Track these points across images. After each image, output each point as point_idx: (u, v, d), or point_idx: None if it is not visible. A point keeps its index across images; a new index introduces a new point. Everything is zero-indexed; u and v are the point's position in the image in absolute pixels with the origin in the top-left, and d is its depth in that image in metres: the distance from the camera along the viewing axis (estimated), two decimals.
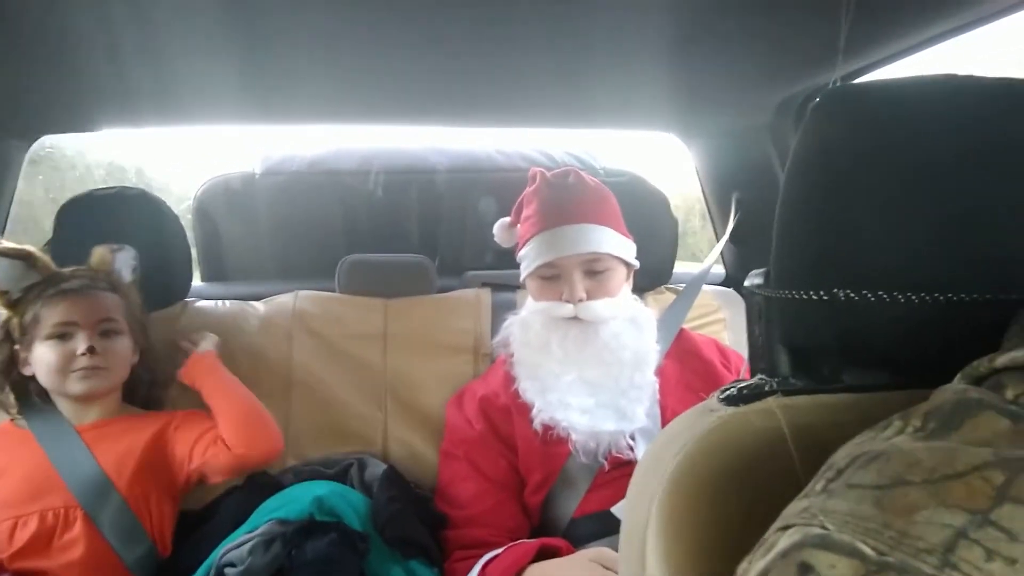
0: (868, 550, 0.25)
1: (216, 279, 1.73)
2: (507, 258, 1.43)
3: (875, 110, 0.49)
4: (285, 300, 1.49)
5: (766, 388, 0.49)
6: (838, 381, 0.48)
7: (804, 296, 0.49)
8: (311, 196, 1.66)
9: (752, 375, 0.56)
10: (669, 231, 1.59)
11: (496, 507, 1.17)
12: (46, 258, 1.19)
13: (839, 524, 0.26)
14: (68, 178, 1.86)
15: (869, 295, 0.45)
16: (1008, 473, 0.25)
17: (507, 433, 1.21)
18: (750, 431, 0.44)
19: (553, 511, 1.18)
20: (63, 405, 1.18)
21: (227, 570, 1.01)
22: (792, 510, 0.29)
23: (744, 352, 1.41)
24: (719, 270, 1.79)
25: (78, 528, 1.07)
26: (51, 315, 1.13)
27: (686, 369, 1.29)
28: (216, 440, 1.16)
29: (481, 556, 1.08)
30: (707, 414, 0.50)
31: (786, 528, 0.28)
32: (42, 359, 1.13)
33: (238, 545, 1.02)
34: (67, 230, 1.37)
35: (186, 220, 1.49)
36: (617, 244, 1.24)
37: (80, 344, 1.13)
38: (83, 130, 1.42)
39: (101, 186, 1.44)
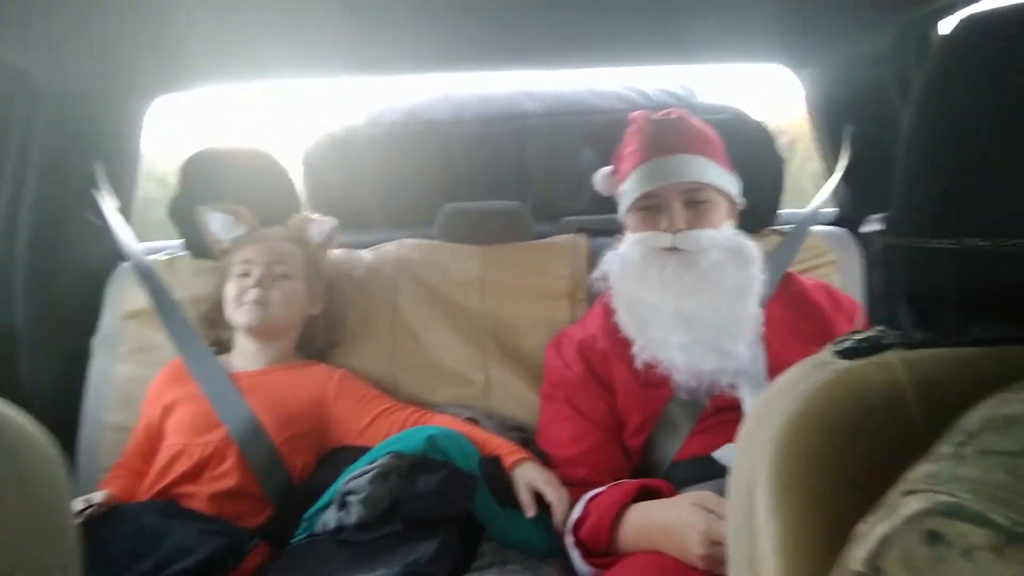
0: (1001, 519, 0.24)
1: None
2: (602, 203, 1.41)
3: (1020, 38, 0.45)
4: (390, 248, 1.55)
5: (886, 341, 0.47)
6: (965, 335, 0.46)
7: (929, 244, 0.46)
8: (409, 146, 1.70)
9: (870, 326, 0.54)
10: (775, 169, 1.52)
11: (596, 448, 1.20)
12: (251, 214, 1.38)
13: (970, 492, 0.25)
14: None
15: (1003, 243, 0.43)
16: None
17: (606, 376, 1.22)
18: (868, 385, 0.43)
19: (654, 454, 1.19)
20: (241, 345, 1.33)
21: (349, 497, 1.10)
22: (918, 474, 0.29)
23: (856, 297, 1.35)
24: (828, 209, 1.70)
25: (230, 463, 1.19)
26: (238, 256, 1.33)
27: (793, 314, 1.24)
28: (392, 427, 1.25)
29: (581, 495, 1.12)
30: (822, 366, 0.49)
31: (912, 493, 0.28)
32: (227, 294, 1.31)
33: (360, 475, 1.11)
34: (190, 183, 1.47)
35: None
36: (719, 176, 1.22)
37: (253, 279, 1.28)
38: (196, 87, 1.49)
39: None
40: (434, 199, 1.63)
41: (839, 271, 1.48)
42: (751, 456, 0.47)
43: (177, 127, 1.99)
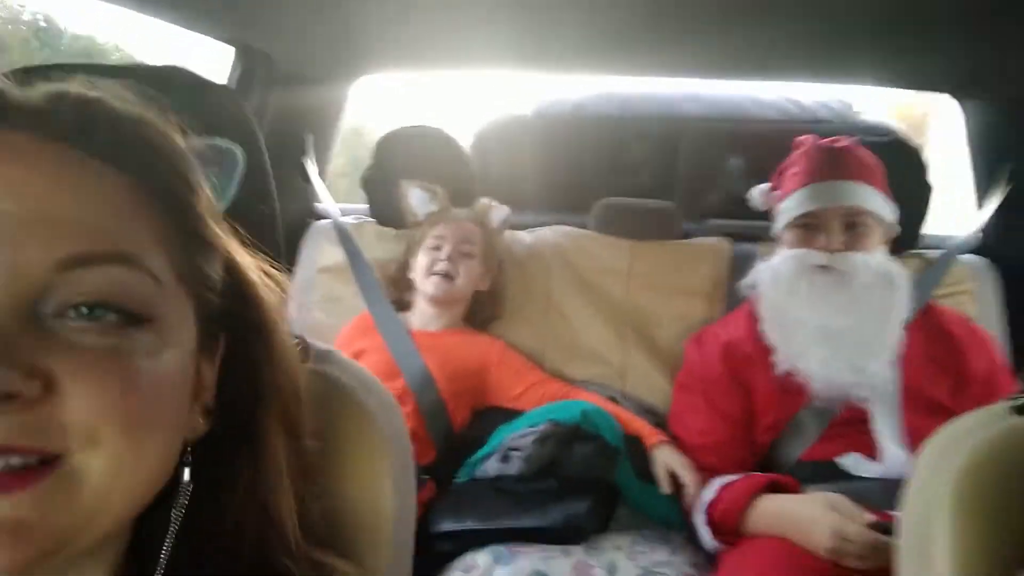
0: None
1: None
2: (745, 209, 1.51)
3: None
4: (546, 233, 1.71)
5: None
6: None
7: None
8: (572, 138, 1.84)
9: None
10: (924, 194, 1.57)
11: (727, 441, 1.33)
12: (445, 194, 1.57)
13: None
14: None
15: None
16: None
17: (745, 378, 1.35)
18: None
19: (780, 452, 1.32)
20: (421, 308, 1.52)
21: (512, 452, 1.29)
22: None
23: (990, 327, 1.41)
24: (970, 237, 1.72)
25: (409, 408, 1.40)
26: (431, 231, 1.52)
27: (930, 340, 1.32)
28: (544, 397, 1.44)
29: (710, 480, 1.27)
30: (996, 419, 0.61)
31: None
32: (419, 263, 1.50)
33: (523, 435, 1.29)
34: (380, 159, 1.68)
35: None
36: (878, 203, 1.31)
37: (444, 254, 1.47)
38: (399, 69, 1.67)
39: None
40: (589, 190, 1.77)
41: (976, 301, 1.53)
42: (925, 495, 0.59)
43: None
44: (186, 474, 0.38)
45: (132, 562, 0.38)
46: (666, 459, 1.30)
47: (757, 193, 1.45)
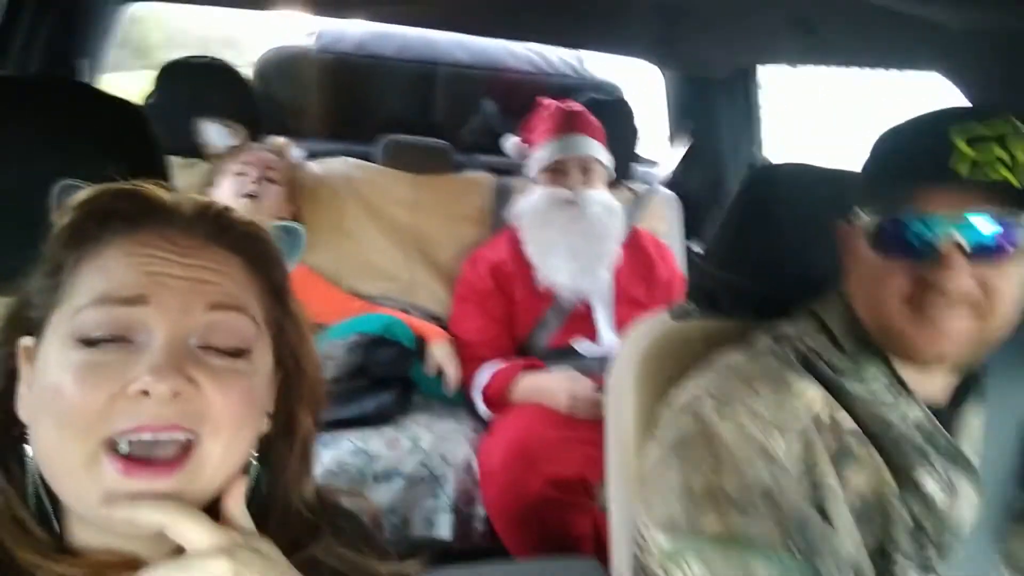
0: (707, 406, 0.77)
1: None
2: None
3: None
4: (336, 165, 1.90)
5: (692, 312, 1.03)
6: (729, 315, 1.02)
7: (720, 273, 1.02)
8: (354, 75, 2.01)
9: (688, 300, 1.09)
10: (631, 139, 2.07)
11: (495, 336, 1.73)
12: (242, 128, 1.66)
13: (711, 383, 0.79)
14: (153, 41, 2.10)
15: (753, 278, 0.99)
16: None
17: (508, 289, 1.74)
18: (682, 337, 0.97)
19: (532, 342, 1.75)
20: None
21: (327, 360, 1.54)
22: (694, 379, 0.82)
23: (673, 246, 1.97)
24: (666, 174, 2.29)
25: None
26: (237, 159, 1.63)
27: (632, 256, 1.83)
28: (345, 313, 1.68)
29: (483, 365, 1.67)
30: (661, 323, 1.04)
31: (692, 381, 0.81)
32: (223, 191, 1.61)
33: (335, 345, 1.55)
34: (163, 89, 1.70)
35: None
36: (602, 153, 1.77)
37: (250, 179, 1.61)
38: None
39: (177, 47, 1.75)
40: (366, 123, 1.99)
41: (666, 225, 2.09)
42: (623, 368, 1.00)
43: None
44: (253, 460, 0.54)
45: None
46: (437, 354, 1.66)
47: (511, 145, 1.81)
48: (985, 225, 0.67)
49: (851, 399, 0.76)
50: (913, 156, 0.72)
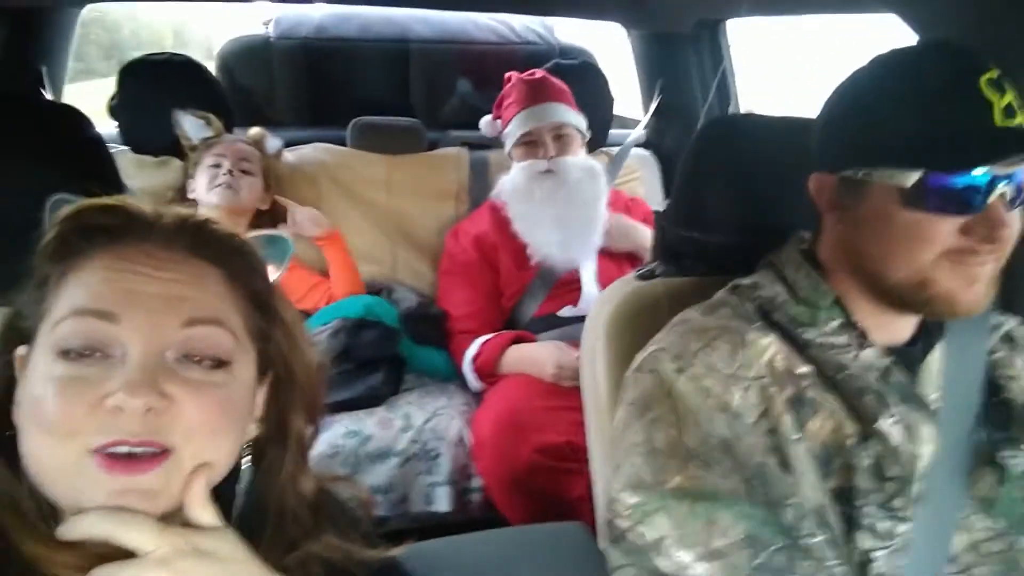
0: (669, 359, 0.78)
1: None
2: (478, 117, 1.86)
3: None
4: (308, 151, 1.89)
5: (658, 272, 1.03)
6: (691, 273, 1.03)
7: (685, 231, 1.02)
8: (315, 59, 1.99)
9: (654, 260, 1.09)
10: (606, 102, 2.06)
11: (482, 309, 1.74)
12: (218, 120, 1.65)
13: (667, 343, 0.80)
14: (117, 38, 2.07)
15: (712, 237, 0.99)
16: None
17: (492, 261, 1.75)
18: (650, 296, 0.98)
19: (519, 313, 1.76)
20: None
21: None
22: (657, 339, 0.83)
23: (653, 203, 1.97)
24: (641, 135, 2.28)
25: None
26: (211, 152, 1.64)
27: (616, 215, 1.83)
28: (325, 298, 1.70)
29: (474, 339, 1.68)
30: (629, 283, 1.04)
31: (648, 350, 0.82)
32: (199, 183, 1.62)
33: (317, 332, 1.56)
34: (128, 88, 1.69)
35: None
36: (574, 117, 1.74)
37: (224, 169, 1.61)
38: None
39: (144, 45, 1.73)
40: (333, 107, 1.97)
41: (643, 184, 2.09)
42: (594, 332, 1.01)
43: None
44: (244, 462, 0.55)
45: None
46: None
47: (485, 124, 1.80)
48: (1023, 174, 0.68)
49: (808, 346, 0.77)
50: (951, 110, 0.69)
